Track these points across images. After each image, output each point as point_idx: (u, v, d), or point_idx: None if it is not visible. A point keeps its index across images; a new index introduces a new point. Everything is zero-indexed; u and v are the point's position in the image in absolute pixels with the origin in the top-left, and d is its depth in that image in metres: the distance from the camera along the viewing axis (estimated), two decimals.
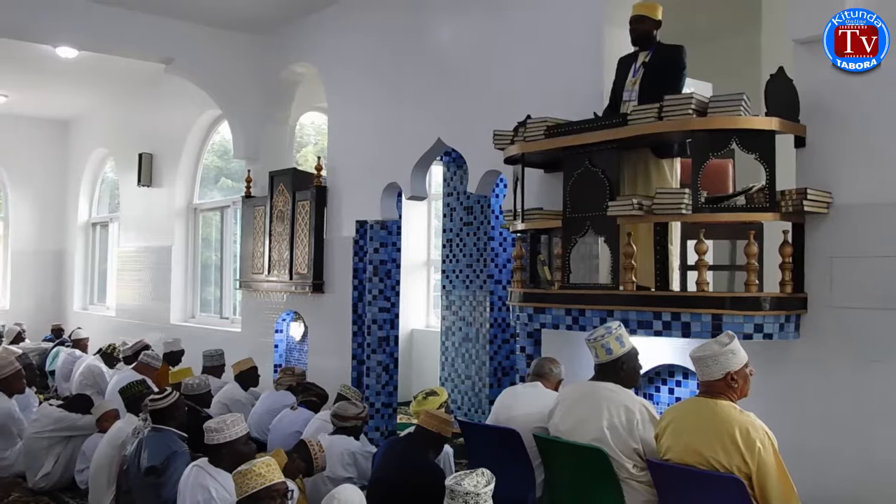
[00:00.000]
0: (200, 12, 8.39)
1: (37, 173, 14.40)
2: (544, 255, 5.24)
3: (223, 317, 10.64)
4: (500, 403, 4.68)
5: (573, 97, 5.36)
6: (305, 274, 8.04)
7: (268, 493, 3.43)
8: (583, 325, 4.65)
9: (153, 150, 11.56)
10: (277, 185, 8.53)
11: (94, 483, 5.52)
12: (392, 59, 7.30)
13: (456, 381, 8.24)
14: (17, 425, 6.53)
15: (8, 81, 11.67)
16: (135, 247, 12.02)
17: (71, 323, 13.04)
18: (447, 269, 8.46)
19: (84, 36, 8.30)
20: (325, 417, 5.70)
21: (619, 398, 3.81)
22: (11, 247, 14.36)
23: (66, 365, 9.41)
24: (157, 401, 4.95)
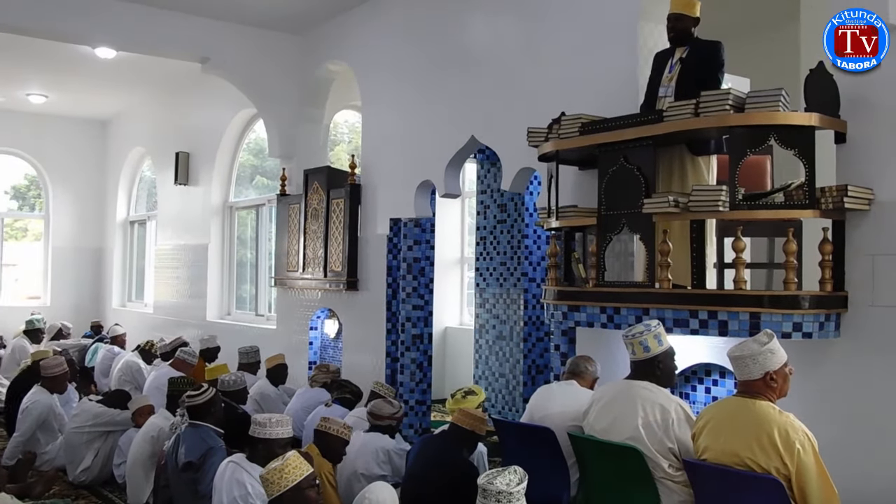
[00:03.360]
0: (236, 12, 8.46)
1: (76, 172, 14.64)
2: (579, 252, 5.21)
3: (258, 314, 10.73)
4: (534, 402, 4.67)
5: (608, 94, 5.32)
6: (340, 271, 8.07)
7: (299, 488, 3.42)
8: (618, 324, 4.61)
9: (190, 148, 11.69)
10: (312, 184, 8.58)
11: (131, 477, 5.59)
12: (426, 56, 7.30)
13: (490, 379, 8.23)
14: (58, 420, 6.64)
15: (48, 82, 11.89)
16: (172, 244, 12.17)
17: (109, 319, 13.23)
18: (481, 266, 8.45)
19: (122, 36, 8.41)
20: (360, 414, 5.72)
21: (655, 397, 3.77)
22: (52, 244, 14.60)
23: (105, 361, 9.55)
24: (195, 397, 5.00)
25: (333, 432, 4.78)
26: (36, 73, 11.42)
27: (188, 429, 4.94)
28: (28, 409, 6.55)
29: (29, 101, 12.75)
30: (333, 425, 4.81)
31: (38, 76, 11.58)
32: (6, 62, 10.57)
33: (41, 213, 14.93)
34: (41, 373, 6.79)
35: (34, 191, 15.33)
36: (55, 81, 11.82)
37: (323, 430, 4.81)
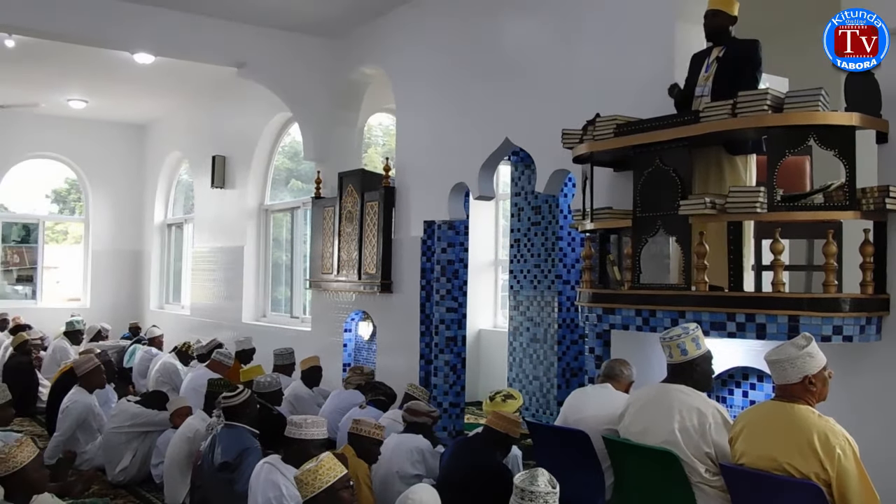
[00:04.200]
0: (272, 17, 8.53)
1: (115, 176, 14.86)
2: (614, 254, 5.18)
3: (293, 316, 10.80)
4: (569, 405, 4.64)
5: (643, 95, 5.28)
6: (374, 274, 8.10)
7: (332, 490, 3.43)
8: (653, 326, 4.57)
9: (226, 152, 11.81)
10: (346, 186, 8.62)
11: (169, 477, 5.65)
12: (459, 59, 7.30)
13: (524, 381, 8.20)
14: (96, 420, 6.73)
15: (88, 88, 12.10)
16: (208, 247, 12.30)
17: (147, 321, 13.39)
18: (515, 269, 8.43)
19: (160, 42, 8.53)
20: (394, 416, 5.74)
21: (692, 401, 3.73)
22: (92, 247, 14.84)
23: (142, 362, 9.66)
24: (231, 398, 5.04)
25: (365, 433, 4.80)
26: (76, 79, 11.62)
27: (224, 429, 4.98)
28: (68, 410, 6.64)
29: (69, 106, 12.97)
30: (365, 426, 4.82)
31: (78, 82, 11.78)
32: (48, 69, 10.77)
33: (81, 216, 15.18)
34: (76, 373, 6.89)
35: (74, 194, 15.60)
36: (95, 87, 12.02)
37: (355, 432, 4.83)
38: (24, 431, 7.38)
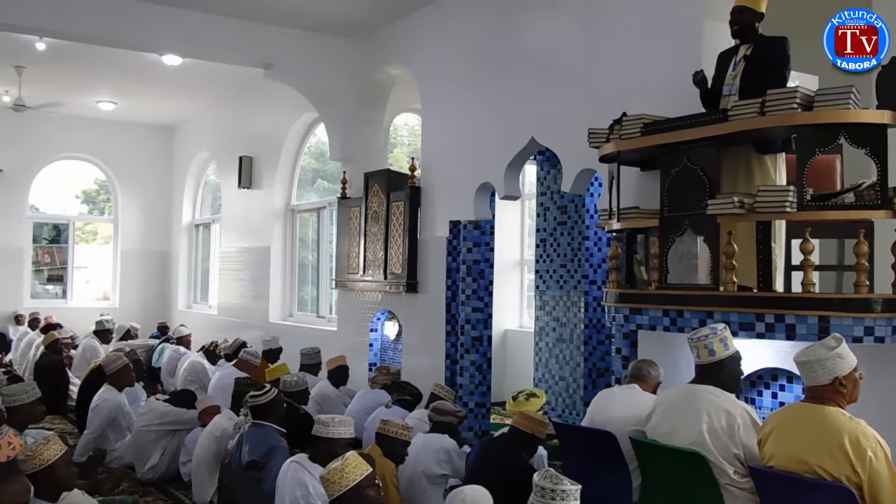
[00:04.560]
0: (298, 18, 8.57)
1: (144, 177, 15.01)
2: (641, 254, 5.14)
3: (320, 316, 10.84)
4: (595, 405, 4.62)
5: (670, 94, 5.23)
6: (399, 274, 8.11)
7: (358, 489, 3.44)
8: (681, 327, 4.53)
9: (253, 152, 11.89)
10: (372, 186, 8.64)
11: (197, 475, 5.70)
12: (485, 58, 7.30)
13: (550, 382, 8.18)
14: (126, 419, 6.79)
15: (118, 89, 12.24)
16: (235, 247, 12.39)
17: (175, 321, 13.51)
18: (541, 268, 8.41)
19: (188, 44, 8.60)
20: (420, 416, 5.74)
21: (720, 401, 3.70)
22: (121, 247, 15.01)
23: (171, 361, 9.74)
24: (258, 397, 5.08)
25: (392, 434, 4.81)
26: (105, 81, 11.76)
27: (251, 428, 5.02)
28: (98, 408, 6.71)
29: (99, 108, 13.12)
30: (392, 427, 4.83)
31: (107, 84, 11.92)
32: (78, 71, 10.91)
33: (110, 216, 15.35)
34: (106, 371, 6.97)
35: (104, 195, 15.79)
36: (124, 89, 12.16)
37: (382, 433, 4.84)
38: (55, 429, 7.47)
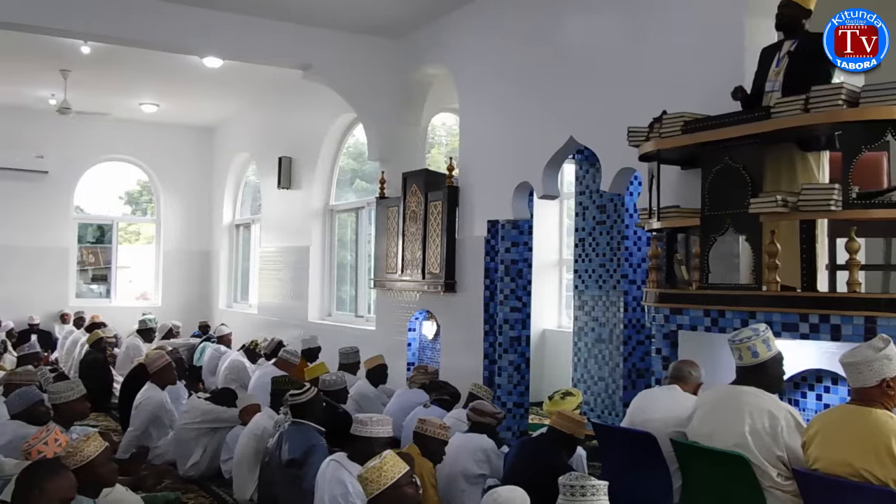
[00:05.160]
0: (336, 19, 8.62)
1: (185, 177, 15.22)
2: (681, 254, 5.08)
3: (358, 315, 10.89)
4: (635, 406, 4.59)
5: (712, 91, 5.15)
6: (438, 273, 8.11)
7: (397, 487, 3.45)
8: (722, 327, 4.48)
9: (292, 153, 11.98)
10: (410, 186, 8.65)
11: (238, 473, 5.75)
12: (523, 57, 7.27)
13: (588, 382, 8.12)
14: (168, 416, 6.89)
15: (160, 92, 12.43)
16: (275, 247, 12.50)
17: (216, 320, 13.68)
18: (579, 268, 8.35)
19: (228, 46, 8.70)
20: (458, 416, 5.74)
21: (763, 403, 3.64)
22: (163, 247, 15.23)
23: (212, 360, 9.86)
24: (297, 396, 5.12)
25: (431, 433, 4.81)
26: (148, 84, 11.94)
27: (291, 427, 5.06)
28: (141, 405, 6.81)
29: (141, 110, 13.33)
30: (430, 426, 4.84)
31: (150, 86, 12.11)
32: (121, 74, 11.09)
33: (153, 217, 15.58)
34: (149, 369, 7.07)
35: (146, 196, 16.02)
36: (165, 91, 12.34)
37: (421, 432, 4.85)
38: (99, 426, 7.61)
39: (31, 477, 3.25)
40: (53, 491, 3.21)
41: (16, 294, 13.57)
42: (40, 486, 3.20)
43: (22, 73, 11.26)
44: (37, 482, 3.21)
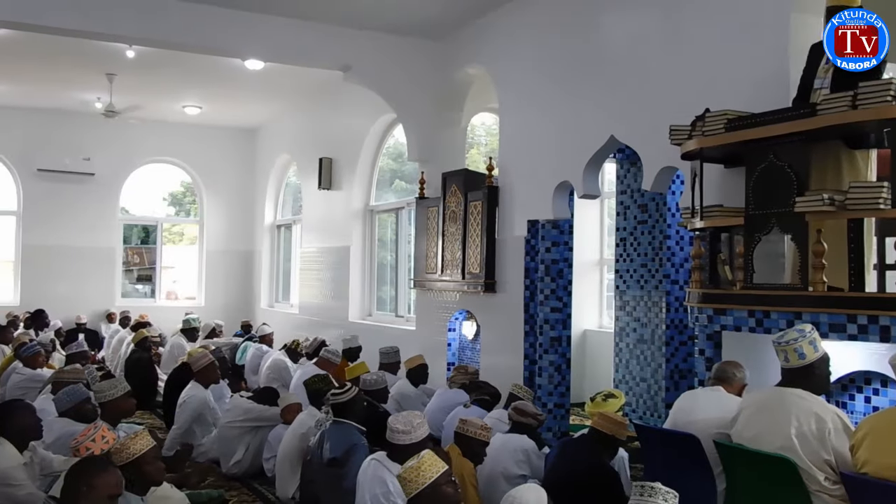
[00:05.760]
0: (376, 20, 8.65)
1: (228, 179, 15.40)
2: (725, 253, 5.02)
3: (398, 315, 10.93)
4: (678, 407, 4.54)
5: (756, 89, 5.10)
6: (478, 273, 8.10)
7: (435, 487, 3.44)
8: (767, 328, 4.41)
9: (332, 154, 12.06)
10: (450, 186, 8.66)
11: (280, 471, 5.80)
12: (563, 56, 7.24)
13: (630, 383, 8.06)
14: (212, 414, 6.97)
15: (203, 95, 12.60)
16: (316, 247, 12.59)
17: (258, 319, 13.82)
18: (621, 268, 8.28)
19: (269, 48, 8.78)
20: (498, 416, 5.73)
21: (809, 405, 3.58)
22: (206, 247, 15.43)
23: (254, 359, 9.96)
24: (339, 395, 5.15)
25: (472, 434, 4.81)
26: (191, 87, 12.11)
27: (332, 426, 5.09)
28: (185, 404, 6.91)
29: (185, 112, 13.53)
30: (472, 427, 4.83)
31: (193, 89, 12.28)
32: (165, 77, 11.26)
33: (196, 218, 15.79)
34: (192, 368, 7.16)
35: (189, 197, 16.25)
36: (208, 94, 12.51)
37: (462, 432, 4.84)
38: (144, 424, 7.72)
39: (79, 474, 3.31)
40: (101, 488, 3.26)
41: (64, 294, 13.85)
42: (89, 482, 3.25)
43: (69, 78, 11.49)
44: (85, 479, 3.26)
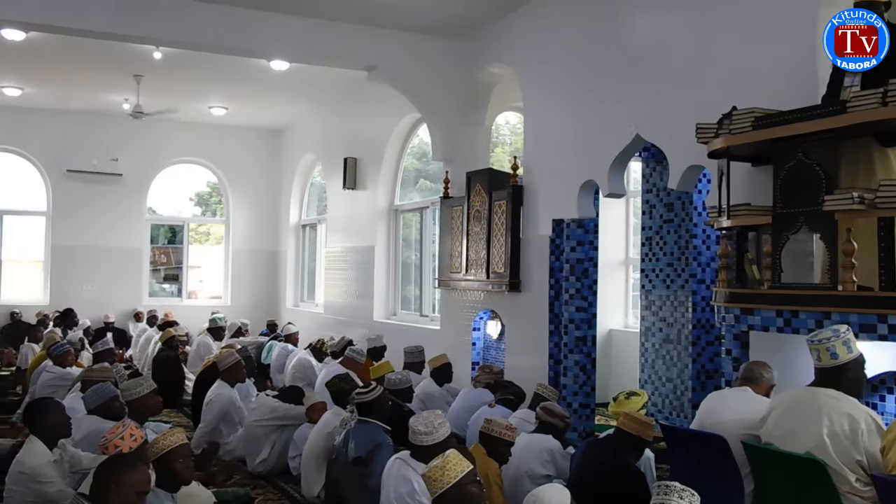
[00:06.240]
0: (400, 20, 8.66)
1: (253, 179, 15.50)
2: (752, 252, 4.97)
3: (423, 314, 10.93)
4: (705, 408, 4.50)
5: (783, 86, 5.04)
6: (502, 273, 8.09)
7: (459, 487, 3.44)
8: (796, 328, 4.36)
9: (357, 154, 12.09)
10: (474, 186, 8.65)
11: (306, 470, 5.83)
12: (588, 54, 7.20)
13: (656, 383, 8.01)
14: (238, 413, 7.01)
15: (228, 95, 12.69)
16: (340, 247, 12.63)
17: (283, 318, 13.89)
18: (646, 267, 8.23)
19: (294, 49, 8.82)
20: (523, 416, 5.71)
21: (842, 406, 3.53)
22: (232, 247, 15.53)
23: (279, 358, 10.00)
24: (363, 394, 5.16)
25: (497, 434, 4.79)
26: (217, 87, 12.21)
27: (357, 425, 5.10)
28: (211, 402, 6.95)
29: (211, 113, 13.63)
30: (497, 427, 4.82)
31: (219, 90, 12.37)
32: (191, 78, 11.36)
33: (222, 218, 15.90)
34: (219, 367, 7.20)
35: (215, 197, 16.37)
36: (234, 94, 12.59)
37: (487, 432, 4.83)
38: (171, 422, 7.78)
39: (108, 471, 3.35)
40: (130, 485, 3.30)
41: (92, 293, 14.03)
42: (118, 480, 3.29)
43: (98, 80, 11.63)
44: (114, 476, 3.30)
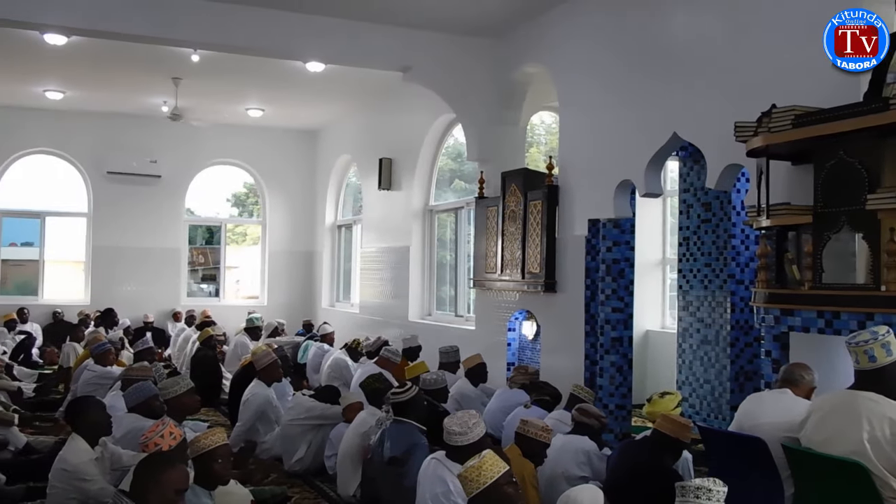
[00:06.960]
0: (435, 20, 8.66)
1: (289, 180, 15.62)
2: (792, 252, 4.90)
3: (458, 315, 10.93)
4: (744, 410, 4.45)
5: (823, 84, 4.94)
6: (537, 273, 8.05)
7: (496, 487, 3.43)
8: (837, 329, 4.30)
9: (392, 154, 12.13)
10: (509, 186, 8.62)
11: (342, 469, 5.86)
12: (625, 53, 7.15)
13: (694, 384, 7.92)
14: (274, 412, 7.06)
15: (265, 97, 12.80)
16: (376, 247, 12.68)
17: (319, 318, 13.98)
18: (684, 268, 8.15)
19: (330, 50, 8.87)
20: (559, 417, 5.69)
21: (883, 409, 3.47)
22: (268, 248, 15.67)
23: (315, 358, 10.07)
24: (399, 394, 5.18)
25: (533, 435, 4.78)
26: (254, 89, 12.31)
27: (393, 425, 5.12)
28: (248, 401, 7.02)
29: (248, 115, 13.75)
30: (532, 428, 4.80)
31: (256, 92, 12.48)
32: (229, 81, 11.47)
33: (258, 218, 16.05)
34: (256, 367, 7.27)
35: (252, 198, 16.53)
36: (270, 96, 12.70)
37: (522, 433, 4.82)
38: (209, 421, 7.88)
39: (148, 469, 3.41)
40: (168, 483, 3.35)
41: (132, 293, 14.24)
42: (157, 477, 3.35)
43: (137, 83, 11.79)
44: (153, 474, 3.36)
